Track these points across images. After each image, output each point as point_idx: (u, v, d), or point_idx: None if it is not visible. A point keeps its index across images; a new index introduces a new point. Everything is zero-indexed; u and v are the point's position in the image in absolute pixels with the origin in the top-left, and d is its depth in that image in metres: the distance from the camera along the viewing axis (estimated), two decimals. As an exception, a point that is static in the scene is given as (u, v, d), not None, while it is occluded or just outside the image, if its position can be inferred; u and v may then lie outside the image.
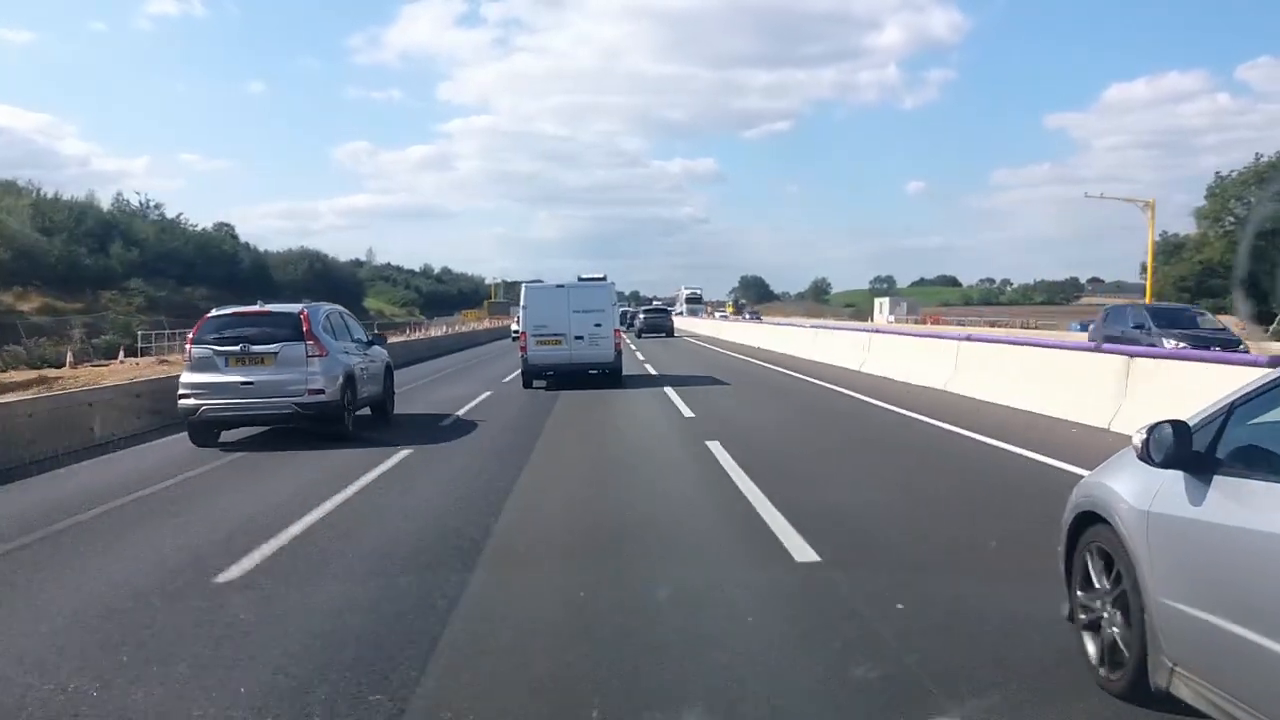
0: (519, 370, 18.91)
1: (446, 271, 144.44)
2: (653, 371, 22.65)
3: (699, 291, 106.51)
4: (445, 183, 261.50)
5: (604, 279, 19.82)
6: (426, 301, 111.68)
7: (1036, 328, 61.44)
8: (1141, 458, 3.49)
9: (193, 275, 73.63)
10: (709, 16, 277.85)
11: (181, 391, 11.44)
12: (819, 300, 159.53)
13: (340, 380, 11.72)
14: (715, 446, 10.23)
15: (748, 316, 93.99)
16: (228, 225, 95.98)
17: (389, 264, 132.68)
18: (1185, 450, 3.35)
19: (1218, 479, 3.26)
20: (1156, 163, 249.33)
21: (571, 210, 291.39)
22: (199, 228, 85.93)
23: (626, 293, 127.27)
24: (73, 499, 8.49)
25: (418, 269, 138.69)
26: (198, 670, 4.25)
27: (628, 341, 35.72)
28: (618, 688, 3.98)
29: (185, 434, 11.63)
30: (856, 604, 4.92)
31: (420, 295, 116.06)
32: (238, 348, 11.34)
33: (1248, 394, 3.42)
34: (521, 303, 19.15)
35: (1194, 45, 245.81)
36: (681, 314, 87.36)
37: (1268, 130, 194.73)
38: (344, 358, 12.11)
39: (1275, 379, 3.35)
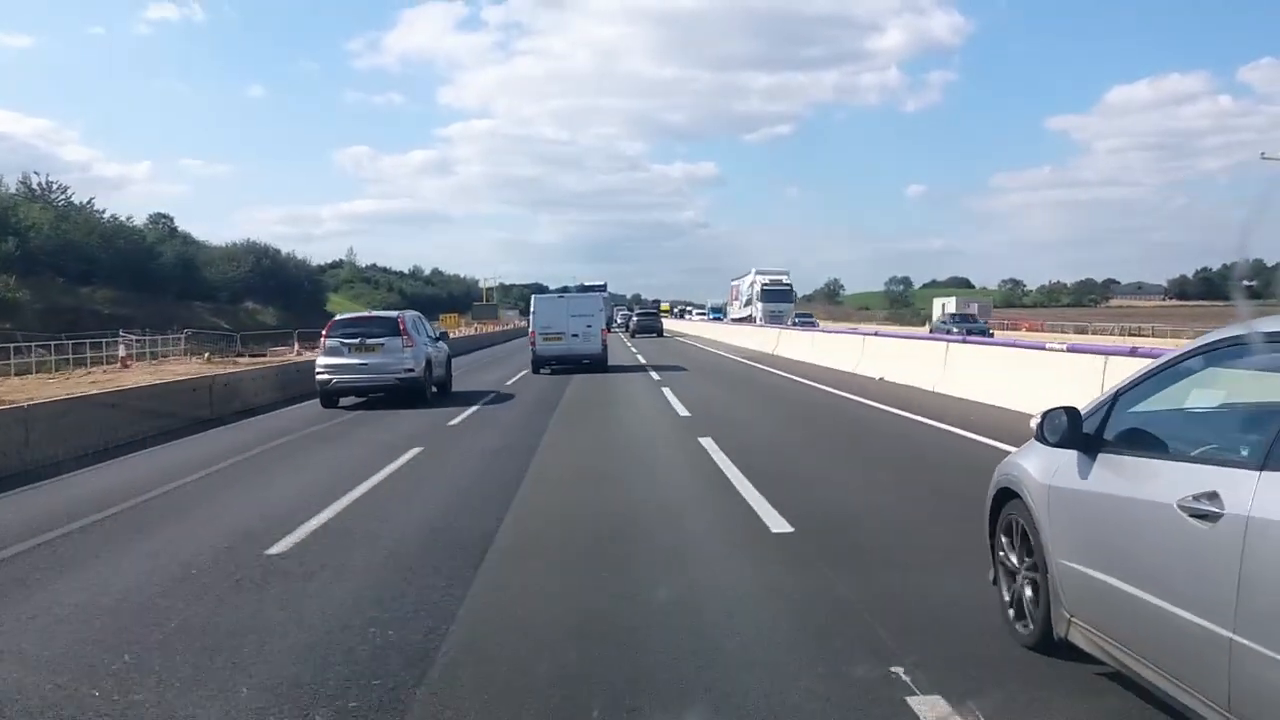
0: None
1: (437, 273, 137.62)
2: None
3: (786, 281, 66.78)
4: (446, 188, 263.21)
5: (604, 285, 27.36)
6: (410, 305, 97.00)
7: (1150, 334, 53.82)
8: (1037, 438, 3.99)
9: (97, 273, 59.81)
10: (709, 18, 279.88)
11: (318, 370, 16.88)
12: (832, 302, 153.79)
13: (424, 363, 17.17)
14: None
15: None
16: (166, 217, 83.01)
17: (374, 265, 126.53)
18: (1077, 432, 3.77)
19: (1102, 456, 3.68)
20: (1158, 165, 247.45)
21: (573, 215, 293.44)
22: (107, 214, 68.79)
23: (628, 296, 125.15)
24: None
25: (406, 270, 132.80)
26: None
27: (624, 339, 44.23)
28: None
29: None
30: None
31: (404, 298, 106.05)
32: (357, 340, 16.84)
33: (1129, 384, 3.83)
34: (531, 309, 25.78)
35: (1196, 47, 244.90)
36: (753, 318, 60.60)
37: (1270, 132, 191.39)
38: (424, 348, 17.53)
39: (1148, 372, 3.79)
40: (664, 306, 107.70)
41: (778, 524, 6.76)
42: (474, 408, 16.11)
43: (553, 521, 7.42)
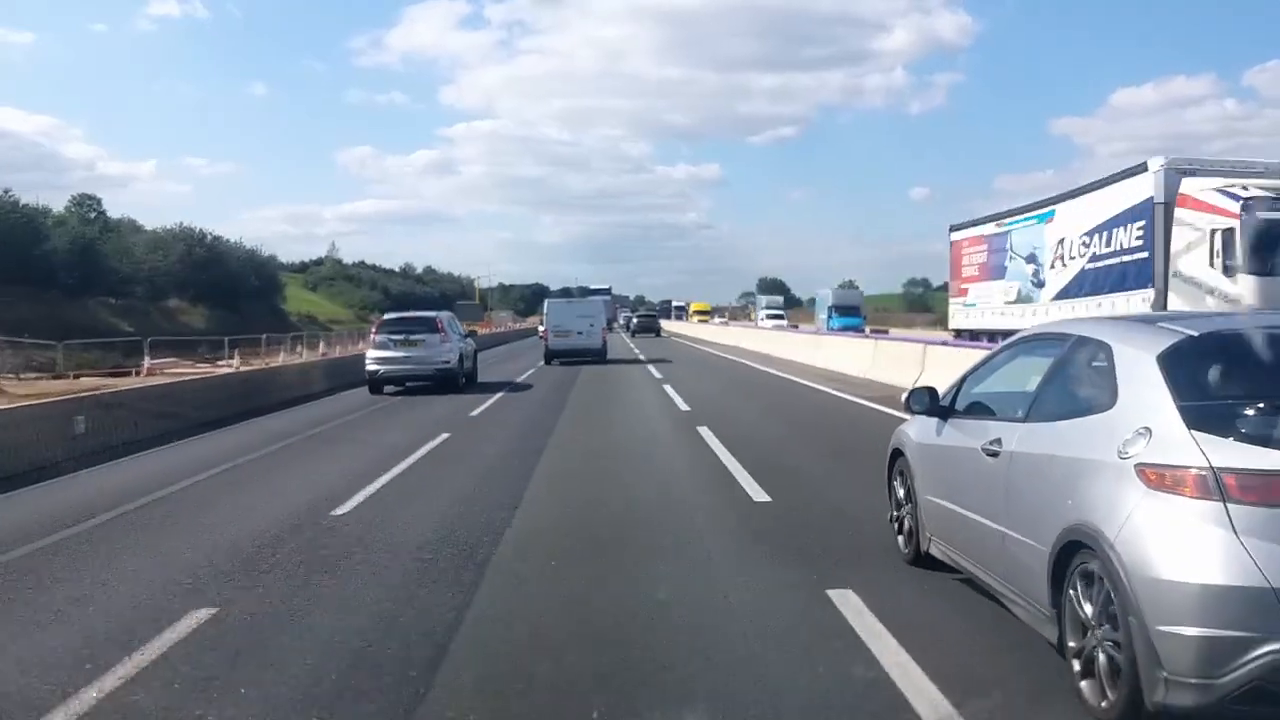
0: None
1: (430, 271, 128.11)
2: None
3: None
4: (450, 188, 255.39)
5: (609, 289, 32.63)
6: (395, 304, 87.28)
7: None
8: (904, 408, 5.47)
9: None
10: (713, 18, 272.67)
11: (368, 361, 18.86)
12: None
13: (457, 356, 19.06)
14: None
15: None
16: (92, 199, 67.10)
17: (361, 262, 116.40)
18: (935, 404, 5.20)
19: (951, 420, 5.02)
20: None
21: (577, 216, 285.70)
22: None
23: (631, 296, 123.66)
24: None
25: (397, 268, 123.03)
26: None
27: (625, 338, 48.10)
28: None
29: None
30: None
31: (388, 297, 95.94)
32: (402, 336, 18.85)
33: (972, 368, 5.21)
34: (544, 310, 30.59)
35: (1203, 49, 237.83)
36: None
37: (1274, 137, 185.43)
38: (458, 343, 19.48)
39: (982, 361, 5.21)
40: (699, 306, 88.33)
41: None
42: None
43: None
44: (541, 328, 32.33)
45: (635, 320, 61.13)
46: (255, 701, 3.79)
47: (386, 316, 20.43)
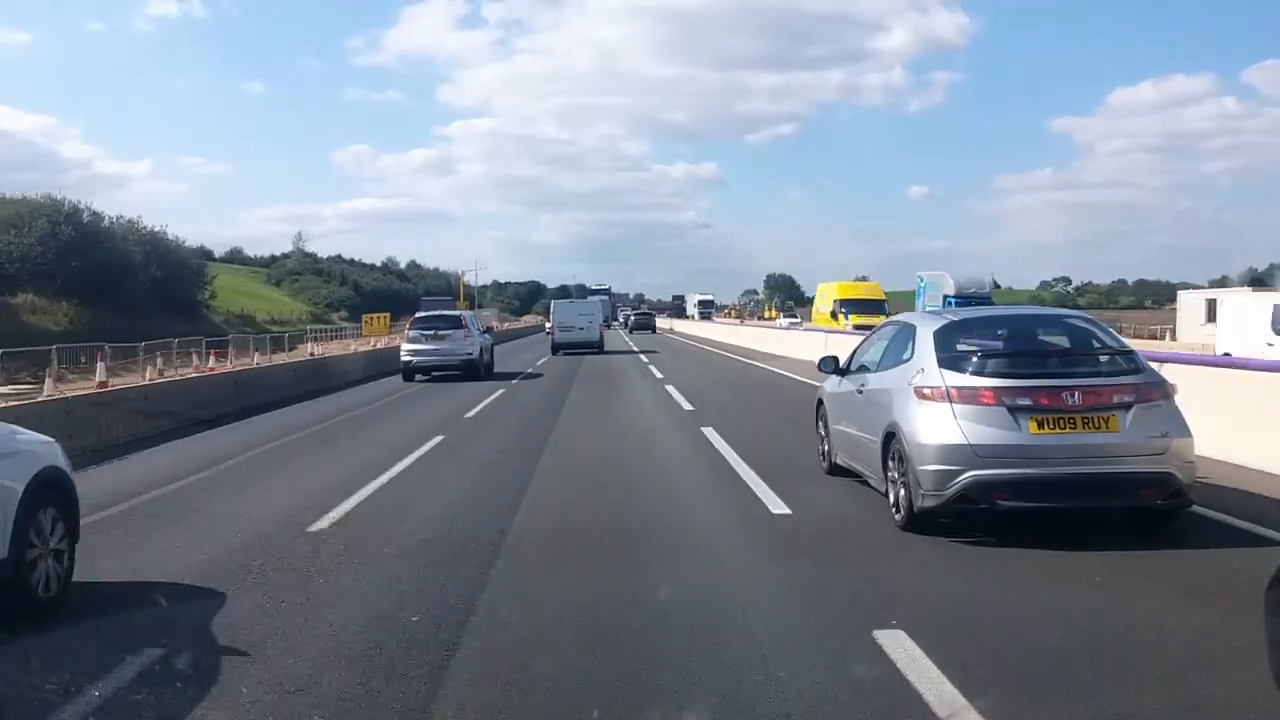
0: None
1: (414, 266, 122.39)
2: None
3: None
4: (448, 187, 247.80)
5: (608, 289, 38.62)
6: (367, 302, 79.91)
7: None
8: (818, 369, 8.60)
9: None
10: (711, 17, 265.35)
11: (403, 353, 21.72)
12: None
13: (479, 349, 21.91)
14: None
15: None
16: None
17: (338, 256, 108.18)
18: (837, 366, 8.05)
19: (846, 376, 7.83)
20: (1158, 168, 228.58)
21: (574, 214, 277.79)
22: None
23: (631, 295, 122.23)
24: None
25: (378, 263, 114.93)
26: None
27: (622, 334, 51.99)
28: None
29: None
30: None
31: (359, 293, 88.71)
32: (432, 331, 21.76)
33: (859, 344, 8.21)
34: (551, 310, 35.85)
35: (1202, 48, 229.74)
36: None
37: (1272, 135, 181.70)
38: (479, 338, 22.40)
39: (862, 340, 8.29)
40: (848, 291, 47.98)
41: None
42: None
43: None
44: (548, 325, 35.95)
45: (633, 318, 65.76)
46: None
47: (418, 315, 23.63)
